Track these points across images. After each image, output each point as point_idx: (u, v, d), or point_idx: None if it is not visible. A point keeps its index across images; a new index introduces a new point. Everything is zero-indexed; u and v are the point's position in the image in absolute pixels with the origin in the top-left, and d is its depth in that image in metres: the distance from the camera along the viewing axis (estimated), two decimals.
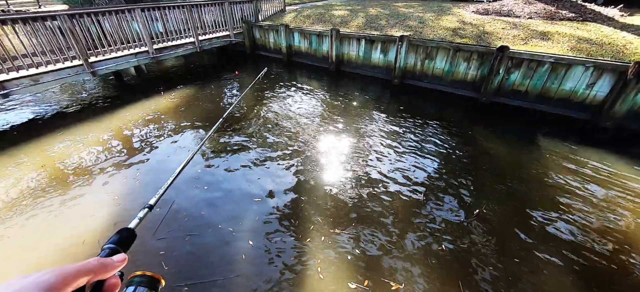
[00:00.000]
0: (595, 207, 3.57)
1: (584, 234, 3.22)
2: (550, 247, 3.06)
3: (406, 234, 3.22)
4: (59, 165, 4.47)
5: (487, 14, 8.48)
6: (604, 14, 7.50)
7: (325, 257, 2.96)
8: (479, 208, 3.56)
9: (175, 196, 3.76)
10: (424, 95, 7.08)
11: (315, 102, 6.70)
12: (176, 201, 3.68)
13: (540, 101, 6.01)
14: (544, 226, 3.31)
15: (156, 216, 3.44)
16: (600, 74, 5.26)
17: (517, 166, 4.38)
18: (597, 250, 3.03)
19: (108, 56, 6.61)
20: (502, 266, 2.87)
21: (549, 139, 5.10)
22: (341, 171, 4.23)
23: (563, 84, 5.66)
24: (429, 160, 4.50)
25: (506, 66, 5.97)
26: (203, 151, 4.76)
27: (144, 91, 7.41)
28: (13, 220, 3.45)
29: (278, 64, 9.91)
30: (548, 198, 3.71)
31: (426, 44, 6.87)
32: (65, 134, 5.35)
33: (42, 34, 5.50)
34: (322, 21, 9.55)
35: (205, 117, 5.96)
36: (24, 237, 3.24)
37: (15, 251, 3.09)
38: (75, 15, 5.82)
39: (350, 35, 8.10)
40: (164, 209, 3.56)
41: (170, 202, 3.66)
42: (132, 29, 6.92)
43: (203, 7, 8.61)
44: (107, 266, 0.48)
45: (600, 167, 4.30)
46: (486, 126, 5.58)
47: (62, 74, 5.94)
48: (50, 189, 3.95)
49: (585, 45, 5.83)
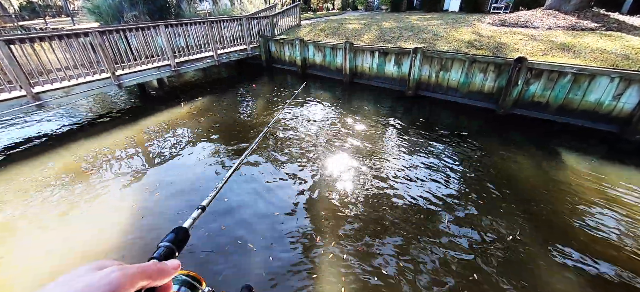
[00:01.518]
0: (622, 232, 3.35)
1: (612, 264, 3.02)
2: (569, 275, 2.89)
3: (426, 252, 3.12)
4: (82, 171, 4.71)
5: (504, 26, 8.36)
6: (629, 24, 7.21)
7: (346, 272, 2.90)
8: (497, 229, 3.42)
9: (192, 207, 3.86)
10: (439, 106, 6.99)
11: (329, 114, 6.76)
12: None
13: (562, 113, 5.79)
14: (566, 254, 3.13)
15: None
16: (628, 85, 5.03)
17: (540, 182, 4.19)
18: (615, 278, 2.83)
19: (133, 69, 7.01)
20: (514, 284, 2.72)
21: (573, 153, 4.87)
22: (358, 185, 4.18)
23: (587, 95, 5.44)
24: (446, 174, 4.39)
25: (525, 77, 5.83)
26: (219, 163, 4.88)
27: (165, 102, 7.75)
28: (34, 221, 3.65)
29: (293, 76, 10.13)
30: (572, 220, 3.52)
31: (441, 55, 6.84)
32: (92, 143, 5.64)
33: (75, 50, 5.92)
34: (337, 34, 9.74)
35: (223, 129, 6.10)
36: (44, 241, 3.41)
37: (37, 251, 3.25)
38: (105, 32, 6.25)
39: (364, 48, 8.19)
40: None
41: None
42: (156, 44, 7.33)
43: (223, 22, 9.01)
44: (163, 273, 0.47)
45: (631, 185, 4.04)
46: (505, 139, 5.41)
47: (92, 86, 6.32)
48: (73, 195, 4.15)
49: (611, 56, 5.61)
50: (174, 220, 3.62)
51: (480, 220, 3.49)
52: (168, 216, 3.71)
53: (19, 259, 3.16)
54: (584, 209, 3.61)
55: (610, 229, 3.31)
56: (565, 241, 3.16)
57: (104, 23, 13.39)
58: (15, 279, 2.94)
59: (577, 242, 3.14)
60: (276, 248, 3.20)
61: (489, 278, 2.80)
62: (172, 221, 3.61)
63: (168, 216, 3.70)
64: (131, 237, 3.39)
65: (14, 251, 3.27)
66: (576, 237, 3.22)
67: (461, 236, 3.27)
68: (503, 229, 3.34)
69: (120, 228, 3.52)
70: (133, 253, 3.18)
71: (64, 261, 3.12)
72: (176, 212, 3.76)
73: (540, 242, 3.16)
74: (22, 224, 3.64)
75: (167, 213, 3.76)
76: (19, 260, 3.15)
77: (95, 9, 13.62)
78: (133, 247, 3.27)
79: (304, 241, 3.28)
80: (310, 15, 17.16)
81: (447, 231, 3.35)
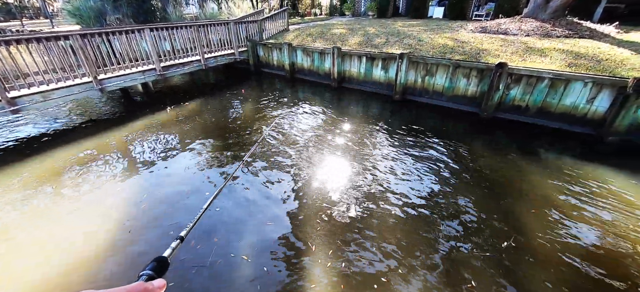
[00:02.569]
0: (599, 226, 3.52)
1: (588, 253, 3.16)
2: (554, 266, 3.01)
3: (412, 251, 3.17)
4: (61, 181, 4.51)
5: (485, 32, 8.69)
6: (600, 31, 7.66)
7: (334, 276, 2.91)
8: (480, 225, 3.52)
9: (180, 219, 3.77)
10: (425, 110, 7.15)
11: (318, 118, 6.79)
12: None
13: (541, 116, 6.05)
14: (546, 245, 3.26)
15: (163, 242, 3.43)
16: (600, 89, 5.32)
17: (520, 183, 4.35)
18: (597, 268, 2.97)
19: (117, 73, 6.82)
20: (502, 284, 2.81)
21: (552, 154, 5.08)
22: (346, 188, 4.21)
23: (563, 99, 5.71)
24: (432, 176, 4.49)
25: (506, 82, 6.06)
26: (207, 171, 4.78)
27: (151, 107, 7.56)
28: (12, 235, 3.47)
29: (281, 80, 10.13)
30: (551, 216, 3.67)
31: (426, 61, 7.02)
32: (71, 150, 5.43)
33: (54, 53, 5.72)
34: (325, 39, 9.83)
35: (212, 135, 6.00)
36: (23, 257, 3.24)
37: (14, 268, 3.08)
38: (87, 34, 6.07)
39: (352, 53, 8.30)
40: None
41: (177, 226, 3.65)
42: (141, 47, 7.17)
43: (210, 26, 8.93)
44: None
45: (603, 183, 4.25)
46: (489, 141, 5.59)
47: (72, 91, 6.11)
48: (52, 205, 3.98)
49: (583, 61, 5.92)
50: (163, 234, 3.45)
51: (468, 220, 3.58)
52: (156, 228, 3.55)
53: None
54: (565, 206, 3.77)
55: (587, 225, 3.47)
56: (539, 226, 3.29)
57: (85, 26, 12.98)
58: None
59: (550, 228, 3.28)
60: (269, 258, 3.14)
61: (480, 277, 2.87)
62: (160, 235, 3.44)
63: (156, 229, 3.54)
64: (115, 255, 3.21)
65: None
66: (548, 225, 3.36)
67: (450, 236, 3.35)
68: (491, 229, 3.44)
69: (105, 244, 3.35)
70: (119, 270, 3.03)
71: (44, 283, 2.97)
72: (164, 224, 3.61)
73: (513, 231, 3.28)
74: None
75: (154, 225, 3.60)
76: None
77: (76, 11, 13.19)
78: (119, 264, 3.11)
79: (298, 250, 3.24)
80: (299, 20, 17.26)
81: (438, 232, 3.42)
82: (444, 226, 3.49)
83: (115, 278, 2.92)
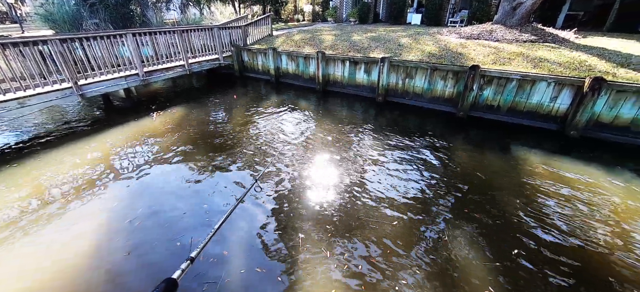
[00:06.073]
0: (567, 210, 3.90)
1: (559, 234, 3.51)
2: (532, 249, 3.32)
3: (395, 247, 3.36)
4: (41, 193, 4.32)
5: (460, 38, 9.23)
6: (561, 37, 8.37)
7: (322, 278, 3.00)
8: (460, 217, 3.80)
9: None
10: (406, 111, 7.50)
11: (304, 121, 6.94)
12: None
13: (512, 114, 6.52)
14: (522, 230, 3.58)
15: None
16: (561, 89, 5.84)
17: (494, 175, 4.71)
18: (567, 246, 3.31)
19: (98, 79, 6.69)
20: (485, 274, 3.07)
21: (522, 148, 5.50)
22: (332, 189, 4.33)
23: (530, 98, 6.21)
24: (413, 173, 4.75)
25: (479, 83, 6.50)
26: (189, 173, 4.72)
27: (134, 113, 7.39)
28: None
29: (267, 85, 10.23)
30: (525, 203, 4.01)
31: (406, 64, 7.39)
32: (50, 159, 5.22)
33: (31, 59, 5.55)
34: (310, 44, 10.05)
35: (201, 143, 5.84)
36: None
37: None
38: (67, 39, 5.94)
39: (336, 57, 8.57)
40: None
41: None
42: (123, 53, 7.07)
43: (193, 32, 8.92)
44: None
45: (569, 173, 4.69)
46: (465, 139, 5.97)
47: (50, 97, 5.94)
48: (30, 221, 3.77)
49: (547, 63, 6.47)
50: (166, 252, 3.27)
51: (449, 214, 3.86)
52: (158, 247, 3.33)
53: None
54: (534, 194, 4.13)
55: (556, 211, 3.83)
56: (513, 214, 3.61)
57: (59, 31, 12.51)
58: None
59: (525, 215, 3.61)
60: (253, 261, 3.22)
61: (465, 271, 3.11)
62: (162, 254, 3.25)
63: (158, 248, 3.32)
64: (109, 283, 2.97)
65: None
66: (523, 212, 3.69)
67: (434, 231, 3.60)
68: (472, 222, 3.73)
69: (103, 268, 3.10)
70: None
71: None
72: (166, 241, 3.41)
73: (491, 221, 3.58)
74: None
75: (156, 244, 3.36)
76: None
77: (49, 16, 12.71)
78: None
79: (293, 254, 3.29)
80: (282, 26, 17.45)
81: (423, 228, 3.66)
82: (429, 221, 3.74)
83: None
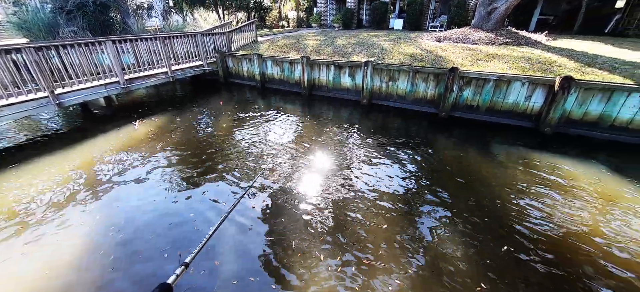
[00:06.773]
0: (546, 201, 4.09)
1: (539, 225, 3.68)
2: (515, 239, 3.46)
3: (382, 246, 3.42)
4: (11, 210, 4.12)
5: (440, 41, 9.57)
6: (533, 39, 8.82)
7: (315, 283, 2.99)
8: (445, 215, 3.93)
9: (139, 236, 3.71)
10: (391, 113, 7.67)
11: (290, 126, 6.96)
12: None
13: (490, 114, 6.80)
14: (506, 224, 3.74)
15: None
16: (535, 88, 6.15)
17: (477, 173, 4.88)
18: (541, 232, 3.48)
19: (76, 87, 6.49)
20: (469, 269, 3.18)
21: (502, 146, 5.73)
22: (320, 194, 4.34)
23: (506, 98, 6.50)
24: (399, 174, 4.85)
25: (459, 84, 6.75)
26: (174, 183, 4.61)
27: (115, 122, 7.17)
28: None
29: (252, 90, 10.20)
30: (507, 199, 4.19)
31: (389, 67, 7.58)
32: (23, 173, 5.01)
33: (4, 68, 5.33)
34: (295, 50, 10.14)
35: (186, 151, 5.71)
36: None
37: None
38: (42, 47, 5.75)
39: (321, 62, 8.68)
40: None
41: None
42: (103, 60, 6.90)
43: (176, 38, 8.82)
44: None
45: (545, 168, 4.93)
46: (447, 138, 6.17)
47: (25, 106, 5.72)
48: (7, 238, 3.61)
49: (521, 64, 6.81)
50: (153, 263, 3.18)
51: (436, 213, 3.97)
52: (145, 258, 3.24)
53: None
54: (515, 189, 4.32)
55: (534, 205, 4.02)
56: (495, 208, 3.76)
57: (34, 39, 12.05)
58: None
59: (506, 208, 3.77)
60: (241, 269, 3.21)
61: (455, 267, 3.21)
62: (149, 265, 3.16)
63: (138, 263, 3.19)
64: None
65: None
66: (504, 206, 3.85)
67: (410, 226, 3.70)
68: (458, 219, 3.85)
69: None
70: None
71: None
72: (153, 251, 3.32)
73: (474, 217, 3.72)
74: None
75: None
76: None
77: (23, 24, 12.22)
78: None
79: (284, 261, 3.28)
80: (267, 32, 17.49)
81: (410, 226, 3.75)
82: (418, 221, 3.83)
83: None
